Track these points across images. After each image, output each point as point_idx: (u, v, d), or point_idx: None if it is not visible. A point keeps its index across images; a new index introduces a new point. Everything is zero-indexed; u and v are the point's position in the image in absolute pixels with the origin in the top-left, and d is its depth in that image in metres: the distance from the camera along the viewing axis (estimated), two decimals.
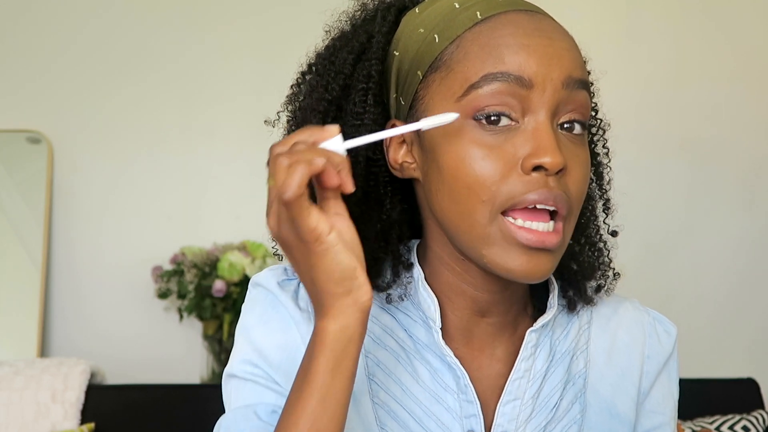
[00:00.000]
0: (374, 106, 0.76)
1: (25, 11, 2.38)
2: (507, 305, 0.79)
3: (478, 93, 0.69)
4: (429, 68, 0.72)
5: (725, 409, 2.07)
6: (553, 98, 0.69)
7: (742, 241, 2.49)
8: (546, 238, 0.68)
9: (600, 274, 0.83)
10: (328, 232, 0.61)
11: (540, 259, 0.69)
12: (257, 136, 2.77)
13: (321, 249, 0.61)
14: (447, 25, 0.72)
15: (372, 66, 0.76)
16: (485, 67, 0.69)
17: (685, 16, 2.48)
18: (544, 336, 0.80)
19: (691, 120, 2.48)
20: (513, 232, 0.69)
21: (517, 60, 0.68)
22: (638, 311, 0.86)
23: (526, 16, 0.71)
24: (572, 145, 0.71)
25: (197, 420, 1.95)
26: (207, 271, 2.20)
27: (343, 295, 0.62)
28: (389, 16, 0.78)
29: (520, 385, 0.78)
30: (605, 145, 0.84)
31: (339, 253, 0.61)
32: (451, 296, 0.78)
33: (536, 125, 0.68)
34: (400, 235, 0.81)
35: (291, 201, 0.59)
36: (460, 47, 0.71)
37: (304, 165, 0.59)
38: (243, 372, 0.75)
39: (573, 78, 0.69)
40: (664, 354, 0.85)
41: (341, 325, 0.63)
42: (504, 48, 0.69)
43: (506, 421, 0.77)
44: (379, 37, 0.77)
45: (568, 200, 0.70)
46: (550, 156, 0.67)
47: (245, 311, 0.79)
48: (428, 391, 0.76)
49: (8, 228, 2.33)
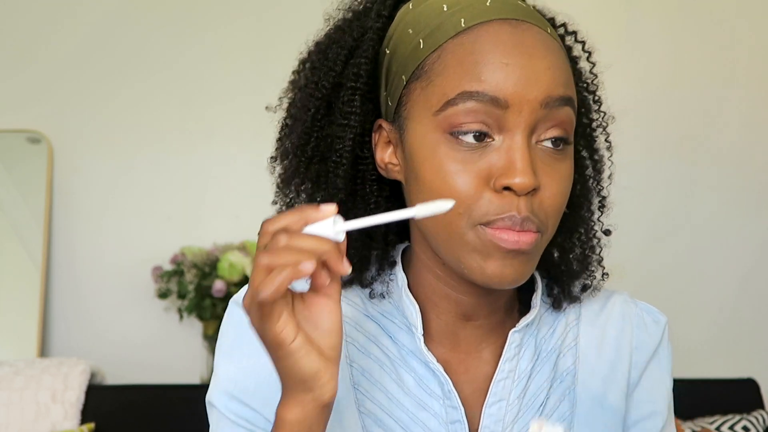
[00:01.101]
0: (362, 106, 0.75)
1: (25, 11, 2.38)
2: (492, 308, 0.79)
3: (455, 110, 0.68)
4: (412, 75, 0.72)
5: (725, 409, 2.07)
6: (530, 118, 0.68)
7: (743, 241, 2.49)
8: (521, 238, 0.68)
9: (588, 274, 0.82)
10: (291, 339, 0.59)
11: (514, 262, 0.69)
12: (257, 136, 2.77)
13: (281, 353, 0.60)
14: (432, 31, 0.71)
15: (361, 65, 0.75)
16: (462, 84, 0.68)
17: (685, 16, 2.48)
18: (529, 335, 0.80)
19: (692, 120, 2.48)
20: (490, 236, 0.68)
21: (494, 80, 0.67)
22: (626, 303, 0.85)
23: (509, 28, 0.70)
24: (551, 161, 0.70)
25: (197, 420, 1.94)
26: (207, 271, 2.20)
27: (304, 391, 0.61)
28: (384, 11, 0.77)
29: (505, 385, 0.77)
30: (608, 139, 0.83)
31: (301, 359, 0.60)
32: (435, 300, 0.78)
33: (510, 144, 0.68)
34: (386, 234, 0.80)
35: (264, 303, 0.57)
36: (441, 58, 0.70)
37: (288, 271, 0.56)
38: (221, 405, 0.76)
39: (552, 97, 0.68)
40: (652, 344, 0.84)
41: (300, 417, 0.62)
42: (482, 66, 0.68)
43: (492, 422, 0.76)
44: (371, 34, 0.76)
45: (540, 219, 0.69)
46: (520, 177, 0.66)
47: (221, 333, 0.78)
48: (414, 398, 0.76)
49: (8, 228, 2.33)
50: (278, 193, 0.80)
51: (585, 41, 0.80)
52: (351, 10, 0.80)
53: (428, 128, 0.70)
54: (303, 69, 0.80)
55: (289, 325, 0.59)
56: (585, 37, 0.80)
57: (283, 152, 0.80)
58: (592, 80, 0.81)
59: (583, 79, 0.80)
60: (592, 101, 0.81)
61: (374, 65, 0.76)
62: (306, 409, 0.61)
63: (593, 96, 0.81)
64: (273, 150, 0.81)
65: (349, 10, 0.80)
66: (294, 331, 0.59)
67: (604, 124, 0.83)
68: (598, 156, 0.82)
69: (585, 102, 0.81)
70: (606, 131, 0.83)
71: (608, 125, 0.83)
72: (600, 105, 0.82)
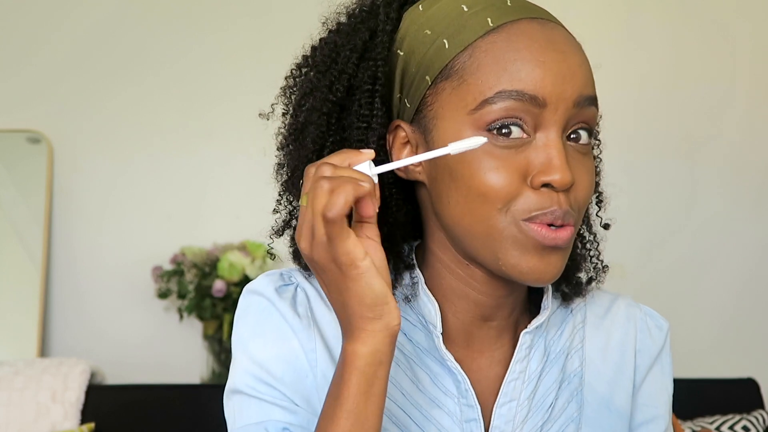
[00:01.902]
0: (381, 108, 0.75)
1: (25, 11, 2.38)
2: (510, 309, 0.79)
3: (492, 108, 0.69)
4: (439, 75, 0.72)
5: (725, 409, 2.07)
6: (564, 116, 0.69)
7: (744, 241, 2.49)
8: (558, 234, 0.69)
9: (591, 267, 0.84)
10: (362, 257, 0.62)
11: (551, 258, 0.70)
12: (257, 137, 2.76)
13: (355, 273, 0.62)
14: (456, 30, 0.71)
15: (378, 67, 0.74)
16: (500, 83, 0.69)
17: (685, 15, 2.48)
18: (539, 337, 0.80)
19: (693, 120, 2.48)
20: (532, 232, 0.69)
21: (533, 78, 0.68)
22: (631, 307, 0.86)
23: (538, 26, 0.71)
24: (580, 156, 0.72)
25: (197, 420, 1.95)
26: (207, 271, 2.20)
27: (374, 319, 0.63)
28: (392, 12, 0.77)
29: (516, 386, 0.78)
30: (597, 137, 0.84)
31: (372, 278, 0.62)
32: (453, 300, 0.78)
33: (547, 142, 0.69)
34: (404, 236, 0.80)
35: (334, 220, 0.60)
36: (473, 57, 0.70)
37: (351, 186, 0.61)
38: (247, 387, 0.74)
39: (583, 96, 0.70)
40: (655, 348, 0.85)
41: (372, 349, 0.64)
42: (520, 63, 0.69)
43: (503, 422, 0.77)
44: (383, 36, 0.75)
45: (576, 212, 0.71)
46: (560, 174, 0.68)
47: (238, 321, 0.77)
48: (428, 395, 0.76)
49: (8, 228, 2.33)
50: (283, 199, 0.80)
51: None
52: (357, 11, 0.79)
53: (463, 126, 0.70)
54: (300, 73, 0.80)
55: (358, 244, 0.62)
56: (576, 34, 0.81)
57: (292, 160, 0.78)
58: None
59: None
60: None
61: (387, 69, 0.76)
62: (377, 339, 0.64)
63: None
64: (277, 157, 0.81)
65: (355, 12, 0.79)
66: (363, 250, 0.63)
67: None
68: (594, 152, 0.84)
69: None
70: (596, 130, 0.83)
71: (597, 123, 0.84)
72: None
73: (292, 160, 0.78)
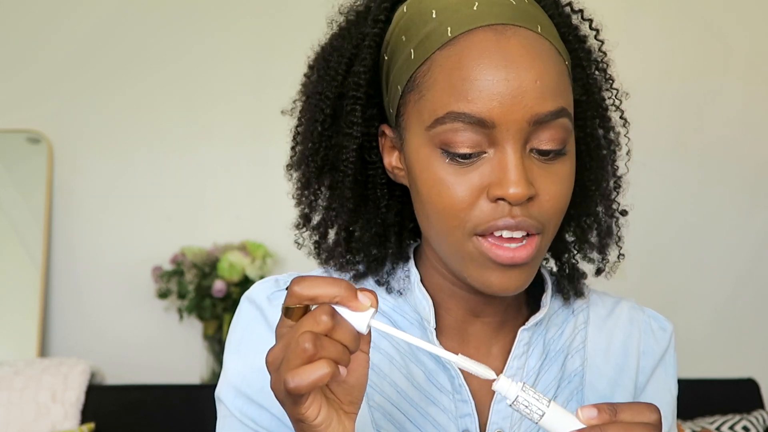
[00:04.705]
0: (363, 115, 0.75)
1: (25, 11, 2.38)
2: (500, 306, 0.79)
3: (444, 128, 0.68)
4: (406, 86, 0.72)
5: (725, 409, 2.07)
6: (519, 135, 0.67)
7: (743, 241, 2.49)
8: (516, 254, 0.69)
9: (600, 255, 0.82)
10: (314, 418, 0.59)
11: (513, 274, 0.70)
12: (257, 137, 2.77)
13: (302, 427, 0.60)
14: (421, 41, 0.71)
15: (360, 74, 0.75)
16: (450, 104, 0.68)
17: (679, 13, 2.48)
18: (538, 334, 0.81)
19: (688, 118, 2.48)
20: (486, 251, 0.69)
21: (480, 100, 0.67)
22: (634, 309, 0.87)
23: (493, 36, 0.68)
24: (548, 166, 0.70)
25: (197, 420, 1.95)
26: (207, 271, 2.20)
27: None
28: (380, 15, 0.76)
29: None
30: (622, 116, 0.82)
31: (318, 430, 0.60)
32: (444, 298, 0.79)
33: (502, 156, 0.68)
34: (400, 234, 0.81)
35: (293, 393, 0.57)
36: (430, 72, 0.70)
37: (325, 368, 0.56)
38: (228, 401, 0.77)
39: (540, 115, 0.67)
40: (659, 350, 0.85)
41: None
42: (468, 83, 0.67)
43: (500, 418, 0.77)
44: (368, 41, 0.75)
45: (539, 221, 0.69)
46: (513, 188, 0.66)
47: (231, 329, 0.79)
48: (423, 392, 0.77)
49: (8, 228, 2.33)
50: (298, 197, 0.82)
51: (592, 19, 0.79)
52: (354, 11, 0.79)
53: (422, 141, 0.70)
54: (311, 75, 0.81)
55: (314, 405, 0.59)
56: (591, 14, 0.79)
57: (297, 160, 0.81)
58: (602, 58, 0.80)
59: (593, 58, 0.79)
60: (604, 79, 0.80)
61: (375, 71, 0.76)
62: None
63: (604, 74, 0.80)
64: (288, 158, 0.82)
65: (352, 12, 0.79)
66: (318, 409, 0.59)
67: (617, 101, 0.82)
68: (613, 134, 0.82)
69: (597, 82, 0.79)
70: (620, 108, 0.82)
71: (621, 102, 0.82)
72: (612, 82, 0.81)
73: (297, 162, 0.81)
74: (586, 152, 0.79)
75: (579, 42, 0.77)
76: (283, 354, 0.58)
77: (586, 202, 0.81)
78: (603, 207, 0.82)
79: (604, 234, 0.82)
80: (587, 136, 0.79)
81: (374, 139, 0.77)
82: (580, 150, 0.77)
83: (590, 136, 0.79)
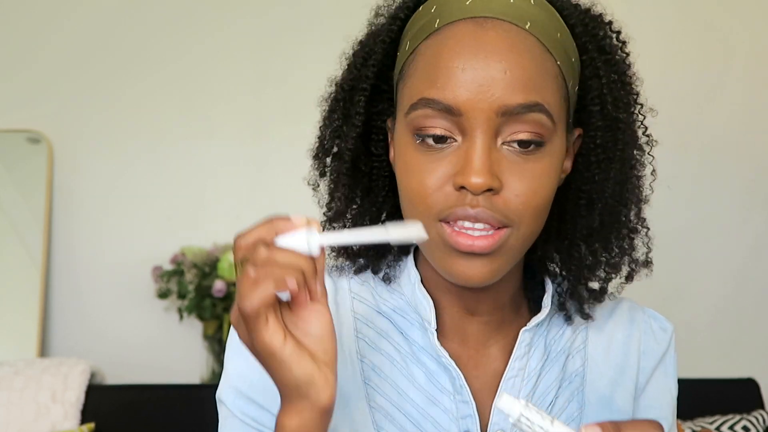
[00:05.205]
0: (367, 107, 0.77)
1: (25, 11, 2.38)
2: (494, 304, 0.80)
3: (416, 114, 0.70)
4: (399, 76, 0.75)
5: (725, 409, 2.07)
6: (486, 125, 0.68)
7: (743, 240, 2.49)
8: (476, 242, 0.69)
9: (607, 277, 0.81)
10: (280, 346, 0.59)
11: (476, 263, 0.70)
12: (257, 136, 2.76)
13: (273, 361, 0.60)
14: (416, 33, 0.74)
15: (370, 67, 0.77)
16: (422, 90, 0.70)
17: (678, 10, 2.48)
18: (539, 335, 0.81)
19: (687, 117, 2.48)
20: (447, 237, 0.70)
21: (449, 87, 0.68)
22: (634, 310, 0.87)
23: (472, 27, 0.69)
24: (520, 160, 0.69)
25: (197, 420, 1.95)
26: (207, 271, 2.20)
27: (300, 397, 0.61)
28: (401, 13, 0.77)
29: (515, 383, 0.78)
30: (645, 132, 0.80)
31: (292, 366, 0.60)
32: (441, 295, 0.79)
33: (469, 145, 0.68)
34: None
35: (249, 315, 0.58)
36: (414, 61, 0.72)
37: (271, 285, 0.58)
38: (229, 402, 0.77)
39: (509, 106, 0.67)
40: (659, 350, 0.85)
41: (299, 424, 0.62)
42: (440, 71, 0.69)
43: (501, 419, 0.77)
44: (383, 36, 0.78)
45: (503, 215, 0.69)
46: (474, 177, 0.67)
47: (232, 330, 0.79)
48: (424, 393, 0.77)
49: (8, 228, 2.33)
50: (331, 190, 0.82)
51: (620, 31, 0.78)
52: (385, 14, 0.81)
53: (402, 129, 0.72)
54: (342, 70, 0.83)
55: (277, 333, 0.59)
56: (620, 27, 0.78)
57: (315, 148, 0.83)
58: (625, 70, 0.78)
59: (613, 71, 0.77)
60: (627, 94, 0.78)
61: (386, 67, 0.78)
62: (304, 416, 0.61)
63: (627, 88, 0.78)
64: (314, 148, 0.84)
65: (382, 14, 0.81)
66: (282, 338, 0.60)
67: (641, 116, 0.80)
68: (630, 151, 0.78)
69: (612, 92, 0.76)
70: (643, 124, 0.80)
71: (645, 118, 0.80)
72: (636, 97, 0.79)
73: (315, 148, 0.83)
74: (595, 164, 0.77)
75: (599, 52, 0.76)
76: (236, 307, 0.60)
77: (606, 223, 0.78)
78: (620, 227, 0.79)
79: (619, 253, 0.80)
80: (597, 147, 0.76)
81: (381, 132, 0.80)
82: (589, 161, 0.76)
83: (600, 147, 0.76)
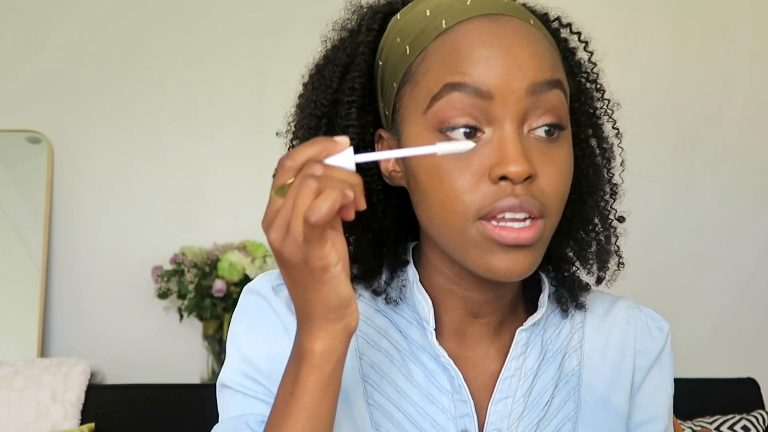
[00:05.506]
0: (359, 119, 0.76)
1: (25, 11, 2.38)
2: (499, 305, 0.80)
3: (441, 104, 0.69)
4: (401, 80, 0.73)
5: (725, 409, 2.07)
6: (517, 107, 0.68)
7: (745, 242, 2.49)
8: (520, 234, 0.68)
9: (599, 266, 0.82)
10: (336, 263, 0.60)
11: (518, 255, 0.70)
12: (257, 136, 2.76)
13: (326, 277, 0.60)
14: (417, 36, 0.73)
15: (355, 79, 0.76)
16: (445, 78, 0.69)
17: (686, 13, 2.48)
18: (535, 335, 0.81)
19: (692, 117, 2.48)
20: (490, 233, 0.69)
21: (476, 72, 0.68)
22: (631, 309, 0.87)
23: (488, 22, 0.70)
24: (546, 148, 0.70)
25: (197, 420, 1.94)
26: (207, 271, 2.20)
27: (335, 320, 0.62)
28: (374, 24, 0.78)
29: (511, 383, 0.79)
30: (615, 126, 0.83)
31: (340, 283, 0.61)
32: (443, 298, 0.79)
33: (501, 135, 0.68)
34: (396, 238, 0.81)
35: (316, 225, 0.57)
36: (425, 60, 0.71)
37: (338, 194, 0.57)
38: (234, 383, 0.76)
39: (538, 83, 0.69)
40: (655, 349, 0.86)
41: (330, 348, 0.63)
42: (464, 59, 0.69)
43: (498, 419, 0.77)
44: (362, 47, 0.77)
45: (541, 203, 0.69)
46: (514, 165, 0.67)
47: (235, 319, 0.79)
48: (422, 391, 0.77)
49: (8, 228, 2.33)
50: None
51: (580, 32, 0.81)
52: (345, 29, 0.81)
53: (420, 129, 0.71)
54: (306, 90, 0.82)
55: (333, 250, 0.60)
56: (580, 28, 0.80)
57: None
58: (591, 69, 0.81)
59: (583, 69, 0.81)
60: (595, 90, 0.82)
61: (369, 78, 0.77)
62: (335, 338, 0.63)
63: (595, 85, 0.82)
64: None
65: (343, 29, 0.81)
66: (337, 256, 0.60)
67: (609, 111, 0.83)
68: (606, 144, 0.82)
69: (588, 91, 0.81)
70: (612, 118, 0.83)
71: (614, 112, 0.83)
72: (603, 93, 0.82)
73: None
74: (581, 158, 0.79)
75: (569, 53, 0.79)
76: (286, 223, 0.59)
77: (585, 210, 0.81)
78: (600, 216, 0.82)
79: (602, 244, 0.82)
80: (581, 141, 0.80)
81: (370, 146, 0.78)
82: (576, 155, 0.77)
83: (584, 142, 0.80)
